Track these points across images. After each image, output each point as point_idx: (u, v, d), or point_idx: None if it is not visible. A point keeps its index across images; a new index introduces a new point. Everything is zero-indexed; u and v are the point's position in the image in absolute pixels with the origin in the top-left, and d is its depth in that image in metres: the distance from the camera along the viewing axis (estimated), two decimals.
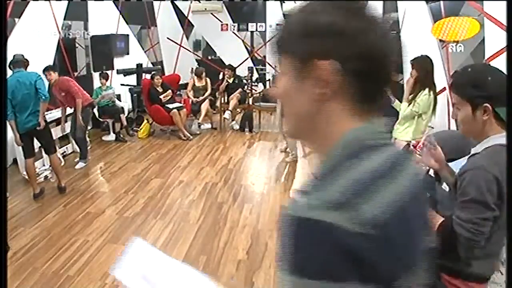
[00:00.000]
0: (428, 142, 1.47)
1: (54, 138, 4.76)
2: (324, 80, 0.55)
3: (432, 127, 3.19)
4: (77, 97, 4.69)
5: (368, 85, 0.57)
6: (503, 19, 2.75)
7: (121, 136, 6.21)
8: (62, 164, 4.97)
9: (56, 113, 5.18)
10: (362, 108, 0.57)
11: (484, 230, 1.20)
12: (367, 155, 0.55)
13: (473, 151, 1.31)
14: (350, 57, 0.55)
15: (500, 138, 1.23)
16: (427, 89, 3.13)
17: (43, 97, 3.82)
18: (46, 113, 4.11)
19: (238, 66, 8.71)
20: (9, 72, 3.73)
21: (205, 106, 6.86)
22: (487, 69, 1.31)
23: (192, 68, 7.73)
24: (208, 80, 7.15)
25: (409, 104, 3.20)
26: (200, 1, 9.81)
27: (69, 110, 5.00)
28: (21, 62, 3.85)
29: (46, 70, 4.61)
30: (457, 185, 1.26)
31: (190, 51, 10.31)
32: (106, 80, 6.21)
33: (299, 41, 0.58)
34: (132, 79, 7.32)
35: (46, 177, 4.55)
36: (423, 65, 3.16)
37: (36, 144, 4.14)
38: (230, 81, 7.01)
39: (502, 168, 1.18)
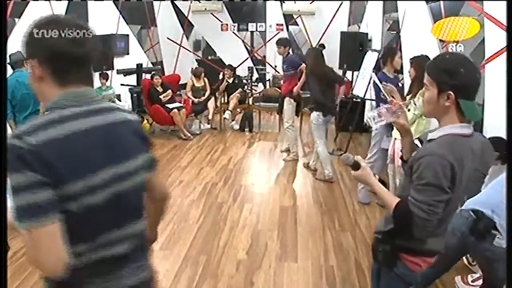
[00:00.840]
0: (398, 107, 1.56)
1: None
2: (35, 70, 0.99)
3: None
4: None
5: (60, 69, 1.00)
6: (503, 19, 2.75)
7: None
8: None
9: None
10: (61, 83, 1.00)
11: (438, 211, 1.31)
12: (56, 110, 0.98)
13: (429, 136, 1.41)
14: (41, 54, 0.98)
15: (455, 128, 1.34)
16: (424, 89, 3.12)
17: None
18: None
19: (238, 66, 8.72)
20: (9, 71, 3.74)
21: (212, 104, 6.87)
22: (463, 61, 1.36)
23: (192, 68, 7.73)
24: (206, 80, 7.15)
25: (407, 108, 3.19)
26: (200, 1, 9.81)
27: None
28: (20, 62, 3.84)
29: None
30: (413, 169, 1.35)
31: (190, 51, 10.31)
32: (106, 80, 6.21)
33: (24, 48, 1.01)
34: (132, 79, 7.32)
35: None
36: (422, 64, 3.15)
37: None
38: (230, 81, 7.01)
39: (456, 156, 1.30)
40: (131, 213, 1.12)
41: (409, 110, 3.20)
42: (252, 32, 10.08)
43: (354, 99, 5.95)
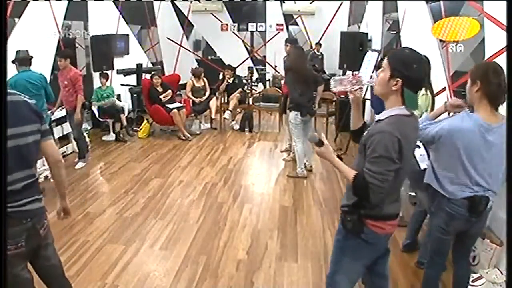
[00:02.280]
0: (357, 81, 1.74)
1: (54, 138, 4.82)
2: None
3: None
4: (79, 93, 4.76)
5: None
6: (503, 19, 2.74)
7: (121, 136, 6.21)
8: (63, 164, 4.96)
9: (56, 113, 5.19)
10: None
11: (389, 179, 1.56)
12: None
13: (377, 118, 1.67)
14: None
15: (399, 110, 1.60)
16: (423, 89, 3.13)
17: (52, 99, 4.29)
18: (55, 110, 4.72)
19: (238, 66, 8.73)
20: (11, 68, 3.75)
21: (214, 103, 6.86)
22: (419, 59, 1.59)
23: (192, 68, 7.73)
24: (206, 80, 7.15)
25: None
26: (200, 1, 9.82)
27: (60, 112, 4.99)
28: (26, 60, 3.88)
29: (62, 55, 4.72)
30: (367, 145, 1.60)
31: (190, 51, 10.32)
32: (106, 80, 6.21)
33: None
34: (132, 79, 7.32)
35: (46, 177, 4.54)
36: None
37: None
38: (230, 81, 7.01)
39: (401, 132, 1.55)
40: (24, 162, 1.68)
41: None
42: (252, 32, 10.09)
43: None
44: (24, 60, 3.86)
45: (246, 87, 7.59)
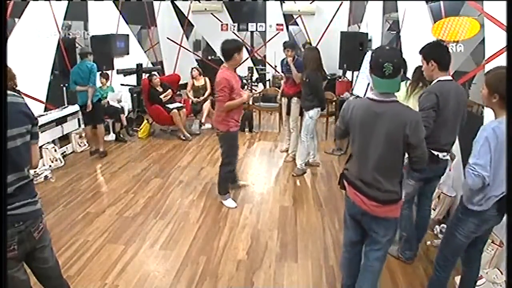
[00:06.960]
0: None
1: (54, 138, 5.08)
2: None
3: None
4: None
5: None
6: (503, 19, 2.74)
7: (121, 136, 6.21)
8: (63, 164, 4.99)
9: (56, 113, 5.19)
10: None
11: (338, 131, 2.15)
12: None
13: None
14: None
15: (370, 94, 1.93)
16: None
17: (91, 84, 5.04)
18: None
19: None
20: None
21: (206, 106, 6.84)
22: (376, 49, 1.98)
23: (192, 68, 7.74)
24: (207, 79, 7.12)
25: None
26: (200, 1, 9.81)
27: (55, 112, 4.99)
28: (85, 54, 5.09)
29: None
30: None
31: (190, 51, 10.31)
32: (107, 80, 6.21)
33: None
34: (132, 79, 7.32)
35: (46, 177, 4.55)
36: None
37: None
38: None
39: (351, 106, 2.00)
40: (15, 165, 1.64)
41: None
42: (252, 32, 10.09)
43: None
44: (81, 54, 5.13)
45: (246, 87, 7.58)
